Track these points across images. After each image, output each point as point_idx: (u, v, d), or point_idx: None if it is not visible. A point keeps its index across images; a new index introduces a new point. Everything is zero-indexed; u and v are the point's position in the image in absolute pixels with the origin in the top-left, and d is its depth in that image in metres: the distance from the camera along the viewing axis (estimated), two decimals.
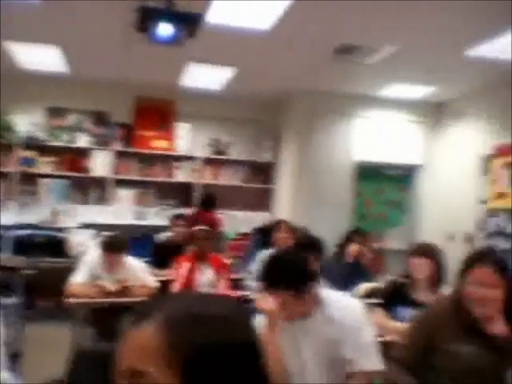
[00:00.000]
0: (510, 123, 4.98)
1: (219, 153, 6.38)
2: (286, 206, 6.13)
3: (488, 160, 5.22)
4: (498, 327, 1.91)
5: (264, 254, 3.40)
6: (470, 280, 1.95)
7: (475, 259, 2.01)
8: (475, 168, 5.38)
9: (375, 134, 6.03)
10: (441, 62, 4.60)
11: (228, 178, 6.42)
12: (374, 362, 1.83)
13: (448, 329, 2.00)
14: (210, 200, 5.58)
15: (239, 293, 3.41)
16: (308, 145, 5.96)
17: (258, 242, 4.12)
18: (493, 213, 5.08)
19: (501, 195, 5.00)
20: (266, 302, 1.79)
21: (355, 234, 4.50)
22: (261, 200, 6.52)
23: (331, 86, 5.65)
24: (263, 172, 6.57)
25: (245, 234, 5.87)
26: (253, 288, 3.38)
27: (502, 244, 4.88)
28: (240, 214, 6.22)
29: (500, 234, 4.96)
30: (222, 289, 3.60)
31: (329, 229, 5.30)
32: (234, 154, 6.45)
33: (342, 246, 4.39)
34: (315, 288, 1.87)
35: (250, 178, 6.53)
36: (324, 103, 5.90)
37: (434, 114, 6.12)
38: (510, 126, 4.98)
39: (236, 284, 3.87)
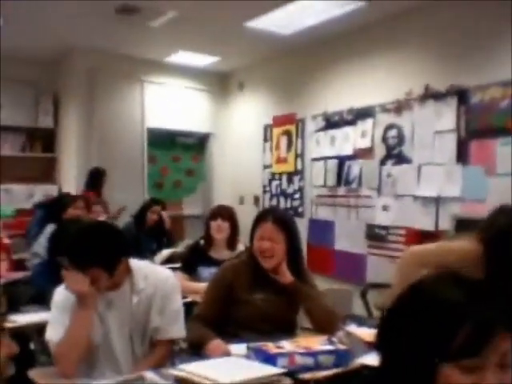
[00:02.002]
0: (285, 96, 5.55)
1: None
2: (73, 176, 5.65)
3: (269, 129, 5.75)
4: (284, 278, 2.13)
5: (52, 229, 3.09)
6: (257, 236, 2.15)
7: (260, 217, 2.21)
8: (260, 136, 5.87)
9: (167, 101, 5.99)
10: (222, 31, 4.76)
11: None
12: (179, 330, 1.86)
13: (243, 281, 2.14)
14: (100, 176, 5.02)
15: (23, 274, 3.06)
16: (93, 109, 5.55)
17: (41, 218, 3.69)
18: (275, 176, 5.66)
19: (281, 160, 5.59)
20: (76, 281, 1.64)
21: (152, 203, 4.47)
22: (43, 171, 5.89)
23: (116, 48, 5.36)
24: (43, 139, 5.90)
25: (26, 211, 5.19)
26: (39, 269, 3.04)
27: (283, 203, 5.50)
28: (18, 188, 5.49)
29: (281, 194, 5.58)
30: (3, 271, 3.17)
31: (123, 197, 5.14)
32: (6, 118, 5.61)
33: (140, 215, 4.31)
34: (126, 260, 1.79)
35: (28, 147, 5.80)
36: (110, 65, 5.55)
37: (221, 83, 6.38)
38: (285, 98, 5.55)
39: (19, 265, 3.45)
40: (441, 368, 0.77)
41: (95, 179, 5.12)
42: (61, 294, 1.73)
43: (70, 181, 5.68)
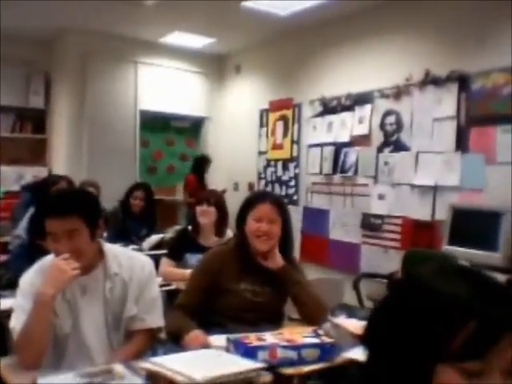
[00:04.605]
0: (282, 80, 5.41)
1: None
2: (63, 158, 5.53)
3: (265, 114, 5.61)
4: (275, 262, 2.03)
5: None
6: (253, 217, 2.03)
7: (257, 198, 2.10)
8: (256, 121, 5.73)
9: (161, 83, 5.83)
10: (219, 11, 4.60)
11: None
12: (157, 319, 1.77)
13: (230, 269, 2.04)
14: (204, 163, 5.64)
15: (4, 257, 2.96)
16: (85, 90, 5.42)
17: (27, 201, 3.58)
18: (270, 163, 5.54)
19: (277, 146, 5.46)
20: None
21: (138, 188, 4.31)
22: (34, 152, 5.76)
23: (110, 28, 5.20)
24: (34, 120, 5.78)
25: (15, 193, 5.08)
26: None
27: (278, 190, 5.39)
28: (8, 169, 5.37)
29: (277, 181, 5.46)
30: None
31: (114, 181, 5.01)
32: None
33: (125, 200, 4.18)
34: (99, 242, 1.69)
35: (18, 127, 5.67)
36: (103, 46, 5.40)
37: (217, 66, 6.23)
38: (282, 82, 5.40)
39: (3, 248, 3.35)
40: (439, 369, 0.67)
41: (199, 165, 5.65)
42: (26, 280, 1.63)
43: (61, 162, 5.57)
